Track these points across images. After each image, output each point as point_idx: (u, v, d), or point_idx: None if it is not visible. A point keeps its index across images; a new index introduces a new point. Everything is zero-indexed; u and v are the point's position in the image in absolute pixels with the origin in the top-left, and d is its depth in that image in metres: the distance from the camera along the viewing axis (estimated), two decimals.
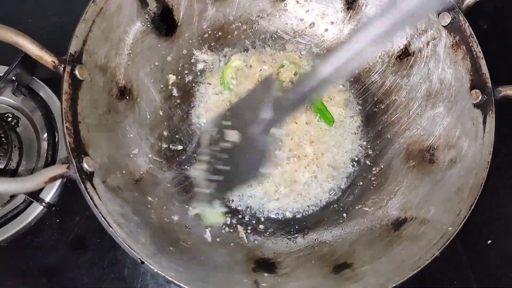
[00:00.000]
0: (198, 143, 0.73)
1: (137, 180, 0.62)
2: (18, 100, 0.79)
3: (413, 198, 0.64)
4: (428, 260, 0.53)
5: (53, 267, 0.71)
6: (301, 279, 0.57)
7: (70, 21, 0.60)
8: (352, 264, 0.58)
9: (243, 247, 0.63)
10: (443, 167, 0.64)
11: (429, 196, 0.62)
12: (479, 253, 0.76)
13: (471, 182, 0.58)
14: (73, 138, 0.53)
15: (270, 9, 0.81)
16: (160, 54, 0.73)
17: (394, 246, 0.59)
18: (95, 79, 0.60)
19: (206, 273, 0.55)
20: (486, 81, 0.61)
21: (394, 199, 0.66)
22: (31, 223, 0.72)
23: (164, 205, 0.63)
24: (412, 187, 0.66)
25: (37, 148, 0.78)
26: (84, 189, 0.51)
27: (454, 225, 0.55)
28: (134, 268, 0.71)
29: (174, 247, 0.57)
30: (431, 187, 0.63)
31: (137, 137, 0.67)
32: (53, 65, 0.55)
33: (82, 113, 0.56)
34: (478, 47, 0.63)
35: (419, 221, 0.60)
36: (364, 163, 0.74)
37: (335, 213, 0.69)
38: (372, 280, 0.53)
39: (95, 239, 0.73)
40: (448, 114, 0.66)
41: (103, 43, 0.62)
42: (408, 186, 0.67)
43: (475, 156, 0.60)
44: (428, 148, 0.68)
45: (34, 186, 0.49)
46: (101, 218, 0.51)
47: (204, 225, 0.65)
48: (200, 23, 0.77)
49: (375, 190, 0.70)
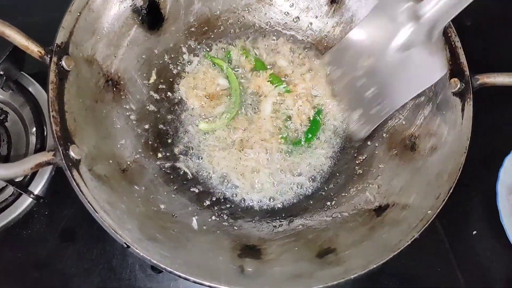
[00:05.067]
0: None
1: (124, 170, 0.63)
2: (6, 95, 0.80)
3: (395, 185, 0.66)
4: (408, 241, 0.54)
5: (42, 259, 0.72)
6: (286, 264, 0.58)
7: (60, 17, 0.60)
8: (336, 249, 0.59)
9: (229, 234, 0.64)
10: (424, 155, 0.65)
11: (411, 182, 0.64)
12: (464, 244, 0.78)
13: (450, 167, 0.59)
14: (60, 127, 0.54)
15: (255, 3, 0.82)
16: (147, 47, 0.74)
17: (376, 231, 0.60)
18: (82, 71, 0.61)
19: (192, 259, 0.56)
20: (464, 70, 0.63)
21: (377, 187, 0.68)
22: (20, 216, 0.73)
23: (151, 194, 0.64)
24: (395, 175, 0.67)
25: (26, 142, 0.79)
26: (70, 176, 0.51)
27: (433, 208, 0.56)
28: (122, 259, 0.72)
29: (160, 234, 0.57)
30: (413, 174, 0.65)
31: (124, 128, 0.67)
32: (39, 55, 0.55)
33: (68, 103, 0.57)
34: (457, 37, 0.65)
35: (401, 207, 0.61)
36: (349, 153, 0.76)
37: (320, 201, 0.71)
38: (354, 262, 0.54)
39: (84, 231, 0.74)
40: (429, 103, 0.68)
41: (89, 35, 0.63)
42: (390, 173, 0.68)
43: (454, 142, 0.61)
44: (409, 136, 0.69)
45: (20, 171, 0.50)
46: (87, 204, 0.51)
47: (191, 214, 0.66)
48: (187, 17, 0.78)
49: (358, 178, 0.71)
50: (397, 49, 0.60)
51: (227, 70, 0.78)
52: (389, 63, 0.61)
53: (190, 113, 0.77)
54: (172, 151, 0.73)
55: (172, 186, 0.69)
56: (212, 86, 0.77)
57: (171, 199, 0.67)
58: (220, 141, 0.75)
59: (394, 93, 0.65)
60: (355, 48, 0.63)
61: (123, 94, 0.69)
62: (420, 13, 0.57)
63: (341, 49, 0.67)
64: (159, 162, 0.70)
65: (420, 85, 0.65)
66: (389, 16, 0.59)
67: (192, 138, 0.75)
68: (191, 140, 0.75)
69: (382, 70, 0.62)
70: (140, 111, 0.72)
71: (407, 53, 0.60)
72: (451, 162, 0.60)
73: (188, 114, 0.77)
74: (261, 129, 0.75)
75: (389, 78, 0.63)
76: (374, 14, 0.63)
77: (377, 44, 0.61)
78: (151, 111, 0.74)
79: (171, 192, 0.68)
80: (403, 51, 0.60)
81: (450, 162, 0.60)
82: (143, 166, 0.67)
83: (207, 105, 0.76)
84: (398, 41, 0.59)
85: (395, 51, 0.60)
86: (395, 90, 0.64)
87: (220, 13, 0.81)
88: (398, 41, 0.59)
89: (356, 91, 0.68)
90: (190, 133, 0.76)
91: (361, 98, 0.68)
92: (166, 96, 0.77)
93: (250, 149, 0.74)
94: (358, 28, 0.65)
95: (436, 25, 0.57)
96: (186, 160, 0.73)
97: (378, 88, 0.65)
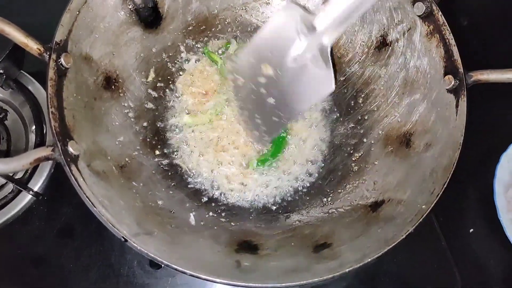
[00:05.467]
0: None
1: (122, 166, 0.64)
2: (6, 94, 0.81)
3: (390, 181, 0.66)
4: (403, 236, 0.54)
5: (41, 256, 0.72)
6: (282, 259, 0.58)
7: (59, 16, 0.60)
8: (332, 244, 0.60)
9: (226, 230, 0.65)
10: (419, 151, 0.66)
11: (406, 178, 0.65)
12: (461, 242, 0.79)
13: (444, 163, 0.60)
14: (58, 123, 0.54)
15: (252, 2, 0.83)
16: (145, 46, 0.74)
17: (371, 226, 0.60)
18: (80, 68, 0.62)
19: (189, 254, 0.56)
20: (458, 67, 0.64)
21: (373, 183, 0.68)
22: (19, 213, 0.74)
23: (149, 190, 0.65)
24: (390, 171, 0.68)
25: (25, 140, 0.79)
26: (68, 171, 0.52)
27: (428, 204, 0.57)
28: (121, 255, 0.73)
29: (158, 229, 0.58)
30: (408, 170, 0.65)
31: (122, 125, 0.68)
32: (38, 53, 0.56)
33: (67, 99, 0.57)
34: (451, 35, 0.65)
35: (396, 202, 0.62)
36: (345, 150, 0.76)
37: (316, 198, 0.71)
38: (349, 256, 0.55)
39: (83, 228, 0.74)
40: (424, 100, 0.68)
41: (88, 33, 0.64)
42: (386, 170, 0.69)
43: (448, 138, 0.62)
44: (405, 133, 0.70)
45: (19, 166, 0.50)
46: (85, 199, 0.52)
47: (189, 210, 0.66)
48: (185, 16, 0.78)
49: (355, 175, 0.72)
50: (293, 60, 0.59)
51: (221, 67, 0.79)
52: (286, 74, 0.60)
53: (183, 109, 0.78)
54: (169, 148, 0.74)
55: (170, 182, 0.70)
56: (208, 83, 0.78)
57: (169, 195, 0.67)
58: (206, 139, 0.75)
59: (290, 105, 0.63)
60: (256, 57, 0.62)
61: (122, 91, 0.70)
62: (314, 25, 0.56)
63: (244, 57, 0.65)
64: (157, 159, 0.71)
65: (311, 99, 0.64)
66: (286, 25, 0.58)
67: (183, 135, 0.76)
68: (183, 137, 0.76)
69: (279, 80, 0.61)
70: (138, 108, 0.73)
71: (301, 65, 0.59)
72: (446, 158, 0.60)
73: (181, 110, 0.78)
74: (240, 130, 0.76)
75: (285, 90, 0.62)
76: (274, 23, 0.62)
77: (276, 54, 0.60)
78: (149, 109, 0.75)
79: (169, 189, 0.69)
80: (298, 62, 0.59)
81: (444, 158, 0.60)
82: (141, 162, 0.68)
83: (198, 101, 0.77)
84: (294, 52, 0.58)
85: (291, 62, 0.59)
86: (291, 102, 0.63)
87: (218, 12, 0.82)
88: (294, 52, 0.58)
89: (256, 100, 0.66)
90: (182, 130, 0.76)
91: (261, 108, 0.67)
92: (164, 94, 0.78)
93: (237, 150, 0.75)
94: (258, 36, 0.62)
95: (327, 39, 0.56)
96: (182, 157, 0.74)
97: (276, 99, 0.64)
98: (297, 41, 0.58)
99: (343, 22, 0.54)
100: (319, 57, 0.57)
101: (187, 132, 0.76)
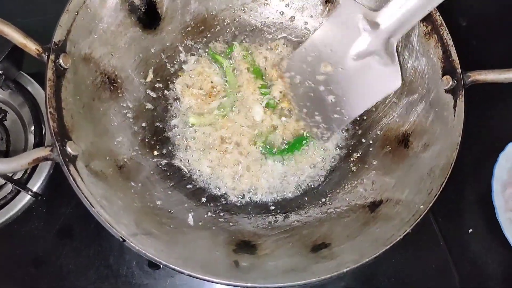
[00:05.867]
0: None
1: (120, 167, 0.64)
2: (5, 94, 0.81)
3: (389, 181, 0.66)
4: (400, 236, 0.55)
5: (40, 256, 0.72)
6: (280, 259, 0.59)
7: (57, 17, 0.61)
8: (330, 244, 0.60)
9: (225, 230, 0.65)
10: (417, 151, 0.66)
11: (404, 178, 0.65)
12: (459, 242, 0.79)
13: (442, 163, 0.60)
14: (57, 123, 0.54)
15: (251, 3, 0.83)
16: (144, 46, 0.74)
17: (369, 226, 0.61)
18: (79, 69, 0.62)
19: (188, 254, 0.56)
20: (456, 67, 0.64)
21: (371, 183, 0.69)
22: (18, 213, 0.74)
23: (147, 190, 0.65)
24: (388, 171, 0.68)
25: (24, 141, 0.80)
26: (67, 171, 0.52)
27: (426, 204, 0.57)
28: (119, 256, 0.73)
29: (157, 229, 0.58)
30: (406, 170, 0.65)
31: (121, 125, 0.68)
32: (37, 53, 0.56)
33: (66, 100, 0.57)
34: (449, 35, 0.65)
35: (394, 202, 0.62)
36: (344, 151, 0.77)
37: (315, 198, 0.71)
38: (347, 256, 0.55)
39: (81, 229, 0.74)
40: (422, 101, 0.69)
41: (87, 34, 0.64)
42: (384, 170, 0.69)
43: (446, 138, 0.62)
44: (403, 133, 0.70)
45: (18, 166, 0.51)
46: (84, 199, 0.52)
47: (187, 210, 0.66)
48: (184, 17, 0.78)
49: (353, 175, 0.72)
50: (355, 57, 0.59)
51: (227, 69, 0.79)
52: (348, 71, 0.60)
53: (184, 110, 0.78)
54: (168, 149, 0.74)
55: (169, 183, 0.70)
56: (207, 84, 0.78)
57: (168, 196, 0.67)
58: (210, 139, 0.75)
59: (353, 102, 0.64)
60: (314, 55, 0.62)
61: (120, 92, 0.70)
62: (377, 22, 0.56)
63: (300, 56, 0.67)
64: (155, 159, 0.71)
65: (376, 95, 0.64)
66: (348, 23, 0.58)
67: (184, 136, 0.76)
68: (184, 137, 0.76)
69: (340, 77, 0.61)
70: (137, 109, 0.73)
71: (364, 62, 0.59)
72: (443, 158, 0.60)
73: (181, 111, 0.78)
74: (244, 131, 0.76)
75: (347, 86, 0.62)
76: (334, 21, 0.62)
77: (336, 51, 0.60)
78: (148, 109, 0.75)
79: (167, 189, 0.69)
80: (361, 59, 0.59)
81: (442, 158, 0.61)
82: (140, 163, 0.68)
83: (201, 102, 0.77)
84: (356, 49, 0.58)
85: (353, 59, 0.59)
86: (354, 99, 0.63)
87: (217, 13, 0.82)
88: (356, 49, 0.58)
89: (315, 98, 0.67)
90: (183, 131, 0.76)
91: (320, 105, 0.68)
92: (163, 95, 0.78)
93: (240, 150, 0.75)
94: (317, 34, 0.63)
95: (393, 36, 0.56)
96: (181, 158, 0.74)
97: (337, 96, 0.64)
98: (360, 38, 0.57)
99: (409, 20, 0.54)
100: (384, 53, 0.57)
101: (188, 132, 0.76)
